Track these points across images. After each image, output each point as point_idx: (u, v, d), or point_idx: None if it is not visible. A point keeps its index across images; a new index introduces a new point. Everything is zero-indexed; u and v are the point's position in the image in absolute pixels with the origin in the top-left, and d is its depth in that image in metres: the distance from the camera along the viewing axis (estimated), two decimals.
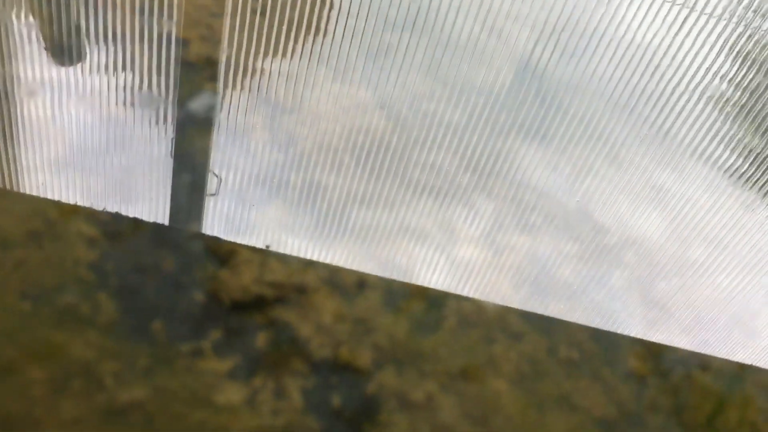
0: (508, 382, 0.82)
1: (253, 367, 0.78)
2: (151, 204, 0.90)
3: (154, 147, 0.96)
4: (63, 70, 1.03)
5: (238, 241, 0.88)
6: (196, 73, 1.09)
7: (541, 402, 0.81)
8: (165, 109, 1.01)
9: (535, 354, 0.86)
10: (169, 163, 0.96)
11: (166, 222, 0.88)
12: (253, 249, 0.88)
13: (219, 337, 0.79)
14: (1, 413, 0.68)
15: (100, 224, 0.85)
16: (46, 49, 1.04)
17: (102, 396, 0.72)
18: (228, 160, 0.98)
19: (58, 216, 0.84)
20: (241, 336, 0.80)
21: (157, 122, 0.99)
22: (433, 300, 0.89)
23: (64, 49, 1.06)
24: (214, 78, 1.10)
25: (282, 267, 0.87)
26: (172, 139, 0.98)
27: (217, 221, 0.90)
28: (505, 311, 0.90)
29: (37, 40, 1.05)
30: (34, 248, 0.81)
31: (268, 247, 0.89)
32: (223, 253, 0.86)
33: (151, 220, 0.87)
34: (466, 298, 0.90)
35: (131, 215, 0.87)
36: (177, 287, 0.82)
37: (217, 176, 0.95)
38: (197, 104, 1.04)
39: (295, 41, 1.20)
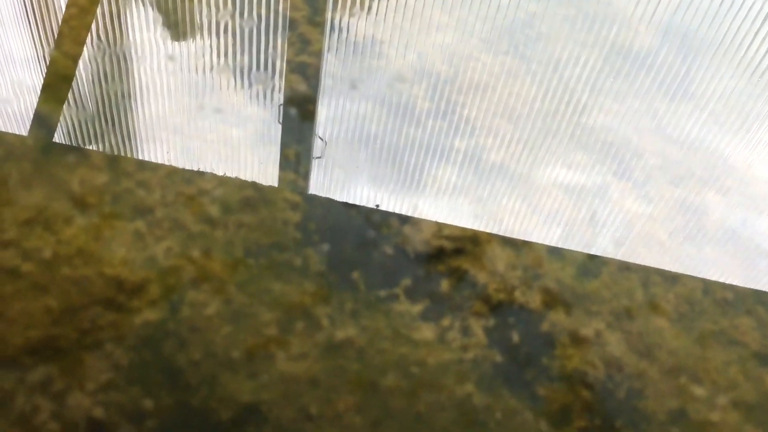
0: (668, 320, 0.91)
1: (441, 309, 0.90)
2: (260, 167, 1.02)
3: (263, 114, 1.08)
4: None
5: (347, 200, 1.00)
6: (301, 35, 1.21)
7: (701, 337, 0.90)
8: (273, 78, 1.13)
9: (691, 295, 0.94)
10: (278, 128, 1.08)
11: (276, 184, 1.00)
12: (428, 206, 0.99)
13: (409, 284, 0.92)
14: (242, 348, 0.83)
15: (298, 190, 0.99)
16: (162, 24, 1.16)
17: (321, 334, 0.86)
18: (332, 119, 1.10)
19: (263, 185, 0.98)
20: (427, 283, 0.92)
21: (265, 96, 1.11)
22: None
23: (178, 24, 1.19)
24: (319, 40, 1.21)
25: (455, 221, 0.98)
26: (279, 105, 1.10)
27: (325, 182, 1.02)
28: (660, 258, 0.98)
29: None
30: (250, 213, 0.95)
31: (377, 206, 0.99)
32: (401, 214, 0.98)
33: (264, 182, 0.99)
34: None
35: (248, 179, 1.00)
36: (369, 242, 0.95)
37: (322, 139, 1.07)
38: (302, 69, 1.16)
39: None
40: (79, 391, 0.77)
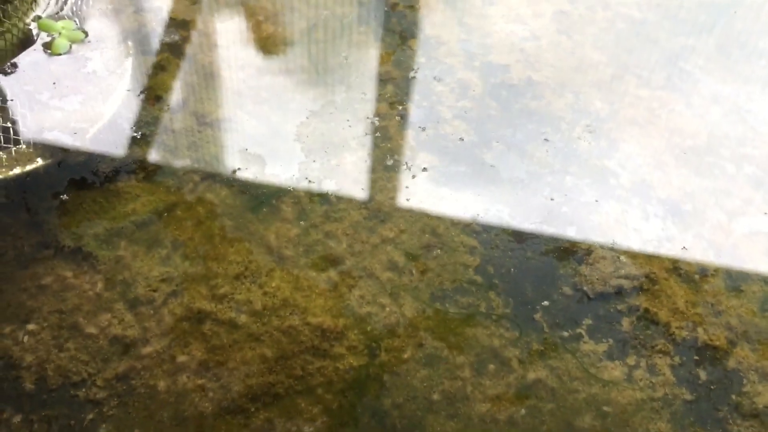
0: None
1: (625, 348, 0.93)
2: (352, 183, 1.07)
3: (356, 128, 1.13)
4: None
5: (447, 214, 1.03)
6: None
7: None
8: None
9: None
10: (368, 141, 1.13)
11: (366, 198, 1.06)
12: (602, 246, 1.02)
13: (591, 323, 0.95)
14: (440, 390, 0.89)
15: (473, 233, 1.03)
16: None
17: (513, 375, 0.90)
18: (489, 159, 1.13)
19: (443, 230, 1.04)
20: (608, 322, 0.95)
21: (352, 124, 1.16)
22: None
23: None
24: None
25: (630, 260, 1.01)
26: (371, 121, 1.15)
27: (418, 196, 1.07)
28: None
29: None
30: (431, 259, 1.01)
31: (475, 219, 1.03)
32: (581, 251, 1.02)
33: (352, 195, 1.05)
34: None
35: (341, 192, 1.04)
36: (547, 283, 0.98)
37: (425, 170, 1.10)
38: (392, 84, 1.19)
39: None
40: None
